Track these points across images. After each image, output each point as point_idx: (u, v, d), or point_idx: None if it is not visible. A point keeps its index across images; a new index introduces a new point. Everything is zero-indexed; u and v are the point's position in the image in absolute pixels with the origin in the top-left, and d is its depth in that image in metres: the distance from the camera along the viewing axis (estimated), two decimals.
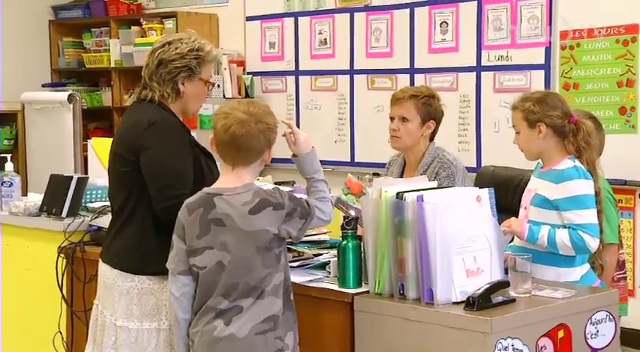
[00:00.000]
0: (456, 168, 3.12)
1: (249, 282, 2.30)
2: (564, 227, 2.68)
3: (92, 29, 6.49)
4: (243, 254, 2.29)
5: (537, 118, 2.73)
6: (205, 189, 2.37)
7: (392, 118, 3.23)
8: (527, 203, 2.81)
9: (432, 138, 3.24)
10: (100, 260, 2.72)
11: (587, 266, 2.78)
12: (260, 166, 2.41)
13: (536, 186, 2.79)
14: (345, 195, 2.85)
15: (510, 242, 2.81)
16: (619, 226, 3.20)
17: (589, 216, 2.67)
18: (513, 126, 2.82)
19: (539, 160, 2.82)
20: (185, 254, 2.36)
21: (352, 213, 2.81)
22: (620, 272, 3.26)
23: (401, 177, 3.24)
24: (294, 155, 2.49)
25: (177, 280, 2.38)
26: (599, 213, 2.74)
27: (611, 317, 2.51)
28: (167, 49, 2.66)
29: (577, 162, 2.73)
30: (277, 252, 2.34)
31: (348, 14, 5.40)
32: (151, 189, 2.55)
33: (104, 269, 2.67)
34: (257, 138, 2.33)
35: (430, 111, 3.18)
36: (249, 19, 5.89)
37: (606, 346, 2.50)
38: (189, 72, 2.64)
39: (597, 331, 2.47)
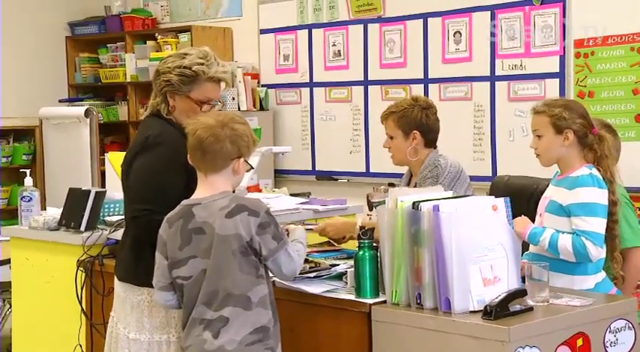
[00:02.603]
0: (442, 170, 3.11)
1: (230, 289, 2.31)
2: (572, 233, 2.68)
3: (108, 44, 6.56)
4: (220, 258, 2.32)
5: (566, 125, 2.73)
6: (184, 202, 2.41)
7: None
8: (542, 210, 2.81)
9: (430, 146, 3.20)
10: (114, 273, 2.76)
11: (602, 275, 2.77)
12: (234, 177, 2.42)
13: (551, 194, 2.79)
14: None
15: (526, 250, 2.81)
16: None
17: (596, 224, 2.65)
18: (535, 129, 2.79)
19: (558, 170, 2.82)
20: (167, 269, 2.39)
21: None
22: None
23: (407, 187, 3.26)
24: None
25: (160, 296, 2.44)
26: (615, 223, 2.72)
27: (630, 325, 2.49)
28: (166, 61, 2.70)
29: (594, 171, 2.73)
30: (255, 260, 2.35)
31: (362, 25, 5.42)
32: (125, 199, 2.64)
33: (116, 283, 2.72)
34: (222, 143, 2.36)
35: (409, 122, 3.15)
36: (263, 31, 5.92)
37: None
38: (172, 88, 2.65)
39: (617, 339, 2.46)
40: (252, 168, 2.50)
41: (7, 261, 3.84)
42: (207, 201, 2.36)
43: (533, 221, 2.80)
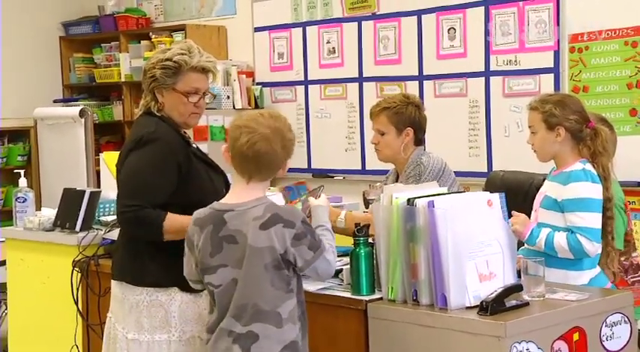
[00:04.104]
0: (425, 168, 3.13)
1: (260, 305, 2.23)
2: (566, 230, 2.68)
3: (102, 44, 6.54)
4: (251, 272, 2.23)
5: (557, 122, 2.72)
6: (215, 205, 2.32)
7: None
8: (537, 206, 2.81)
9: (419, 144, 3.24)
10: (111, 273, 2.75)
11: (597, 270, 2.77)
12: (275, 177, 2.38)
13: (546, 189, 2.79)
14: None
15: (522, 246, 2.80)
16: (629, 231, 3.18)
17: (590, 219, 2.65)
18: (530, 126, 2.80)
19: (554, 165, 2.82)
20: (195, 269, 2.34)
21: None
22: (635, 275, 3.25)
23: None
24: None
25: (195, 286, 2.40)
26: (609, 219, 2.72)
27: (626, 319, 2.50)
28: (150, 59, 2.71)
29: (587, 166, 2.73)
30: (287, 274, 2.25)
31: (356, 23, 5.42)
32: (117, 196, 2.63)
33: (113, 283, 2.70)
34: (279, 155, 2.28)
35: (403, 119, 3.17)
36: (257, 29, 5.92)
37: (622, 348, 2.49)
38: (157, 83, 2.64)
39: (613, 333, 2.46)
40: None
41: (3, 263, 3.83)
42: (240, 209, 2.25)
43: (528, 216, 2.80)
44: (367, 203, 3.50)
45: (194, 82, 2.64)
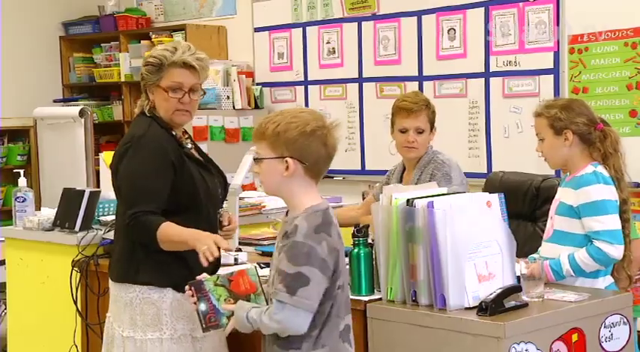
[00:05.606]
0: (449, 166, 3.17)
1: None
2: (585, 236, 2.65)
3: (102, 44, 6.55)
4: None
5: (564, 125, 2.70)
6: (322, 206, 2.16)
7: (404, 130, 3.20)
8: (552, 213, 2.77)
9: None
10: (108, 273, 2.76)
11: (610, 279, 2.74)
12: None
13: (560, 196, 2.76)
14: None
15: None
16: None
17: (608, 222, 2.61)
18: (537, 133, 2.78)
19: (568, 172, 2.80)
20: (324, 288, 2.13)
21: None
22: (637, 273, 3.24)
23: (400, 182, 3.27)
24: None
25: (307, 319, 2.12)
26: (626, 222, 2.68)
27: (625, 320, 2.50)
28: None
29: (599, 168, 2.69)
30: None
31: (356, 23, 5.42)
32: (119, 205, 2.64)
33: (110, 282, 2.71)
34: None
35: (433, 119, 3.26)
36: (257, 30, 5.92)
37: (621, 349, 2.50)
38: (145, 81, 2.67)
39: (611, 334, 2.47)
40: None
41: (2, 262, 3.84)
42: (329, 206, 2.22)
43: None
44: None
45: (175, 77, 2.63)
